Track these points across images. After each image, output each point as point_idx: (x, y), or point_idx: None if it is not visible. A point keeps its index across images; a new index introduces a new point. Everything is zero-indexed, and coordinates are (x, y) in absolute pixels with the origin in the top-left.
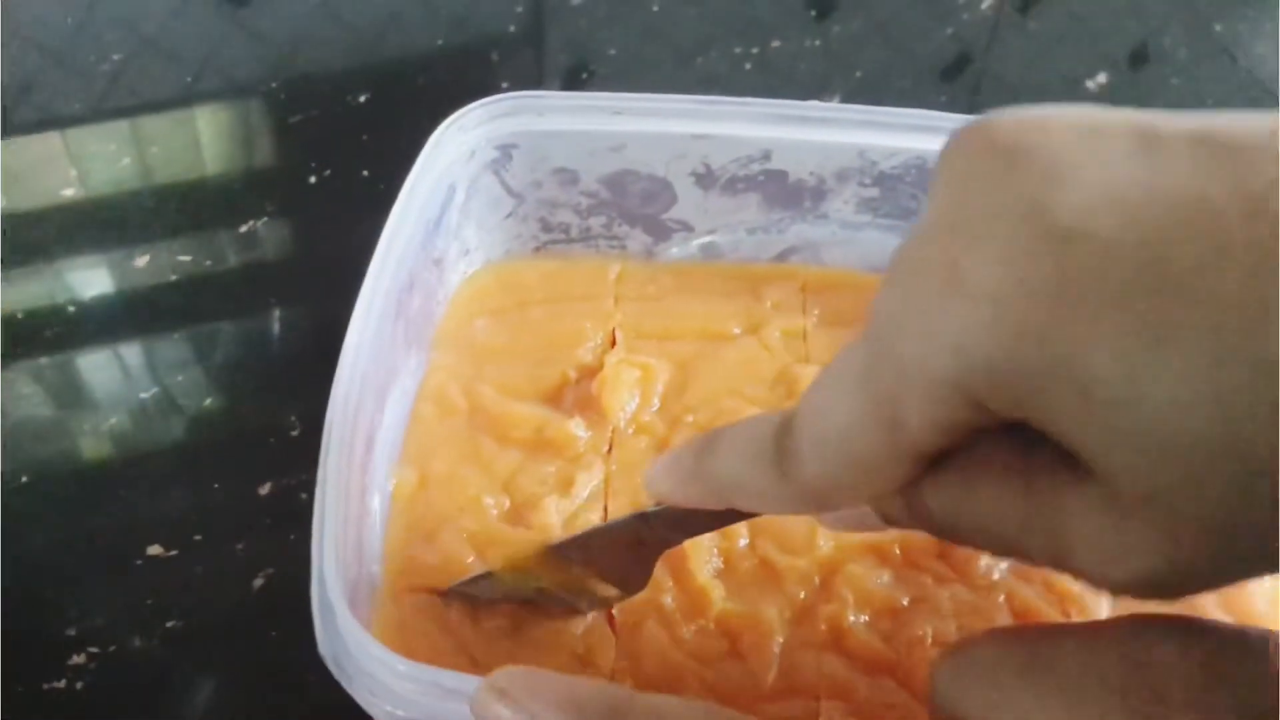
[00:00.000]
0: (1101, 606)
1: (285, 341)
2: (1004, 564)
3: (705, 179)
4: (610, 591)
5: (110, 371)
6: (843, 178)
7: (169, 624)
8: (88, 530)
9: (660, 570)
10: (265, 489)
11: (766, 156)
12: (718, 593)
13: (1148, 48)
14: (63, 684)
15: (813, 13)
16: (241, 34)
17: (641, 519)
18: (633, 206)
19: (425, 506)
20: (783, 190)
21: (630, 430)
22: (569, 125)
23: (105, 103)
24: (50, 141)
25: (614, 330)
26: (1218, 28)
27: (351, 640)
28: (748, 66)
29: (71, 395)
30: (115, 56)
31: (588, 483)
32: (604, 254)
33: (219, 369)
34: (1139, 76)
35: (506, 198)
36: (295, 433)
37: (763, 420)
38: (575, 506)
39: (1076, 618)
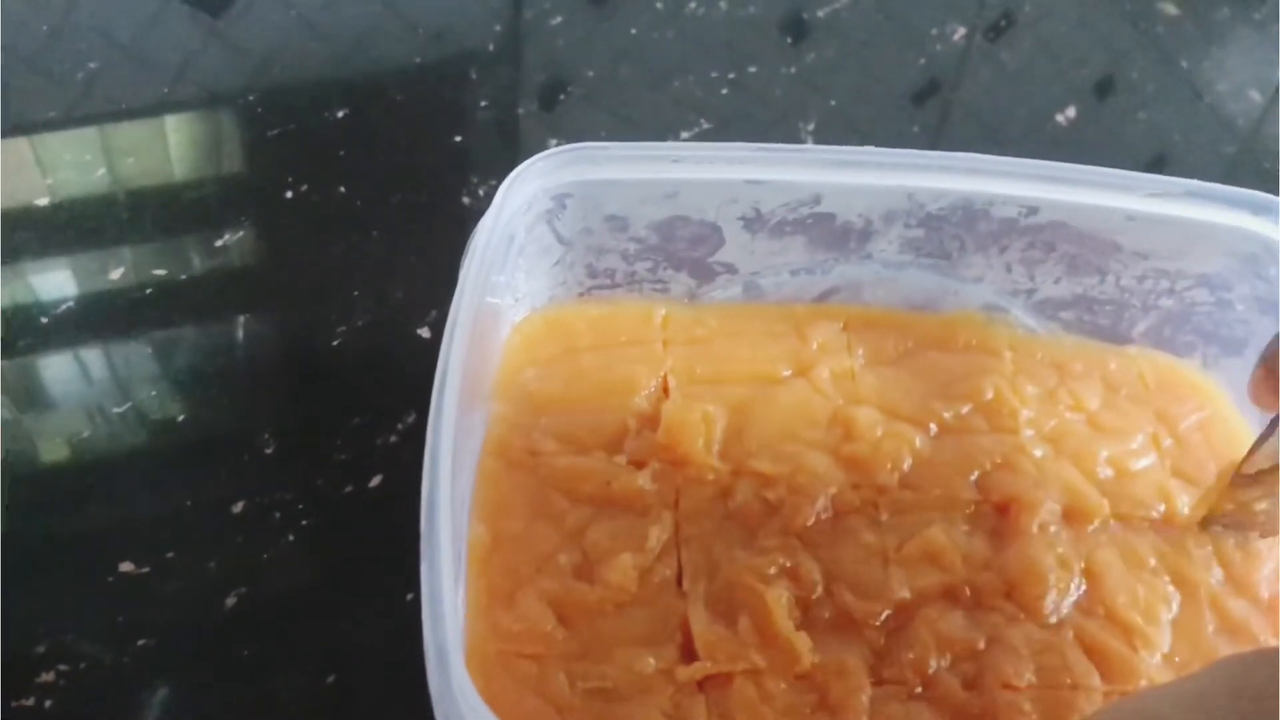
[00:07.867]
0: (1164, 637)
1: (258, 358)
2: (1067, 601)
3: (754, 223)
4: None
5: (82, 385)
6: (889, 219)
7: (140, 642)
8: (59, 546)
9: (744, 625)
10: (238, 507)
11: (817, 200)
12: (805, 645)
13: (1114, 80)
14: (31, 701)
15: (788, 39)
16: (218, 44)
17: None
18: (679, 250)
19: (500, 566)
20: (829, 232)
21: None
22: (627, 174)
23: (80, 111)
24: (23, 149)
25: (665, 376)
26: (1184, 63)
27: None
28: (724, 91)
29: (42, 408)
30: (90, 64)
31: (660, 536)
32: (648, 297)
33: (192, 384)
34: (1105, 109)
35: (556, 245)
36: (269, 450)
37: None
38: (650, 560)
39: (1142, 650)
